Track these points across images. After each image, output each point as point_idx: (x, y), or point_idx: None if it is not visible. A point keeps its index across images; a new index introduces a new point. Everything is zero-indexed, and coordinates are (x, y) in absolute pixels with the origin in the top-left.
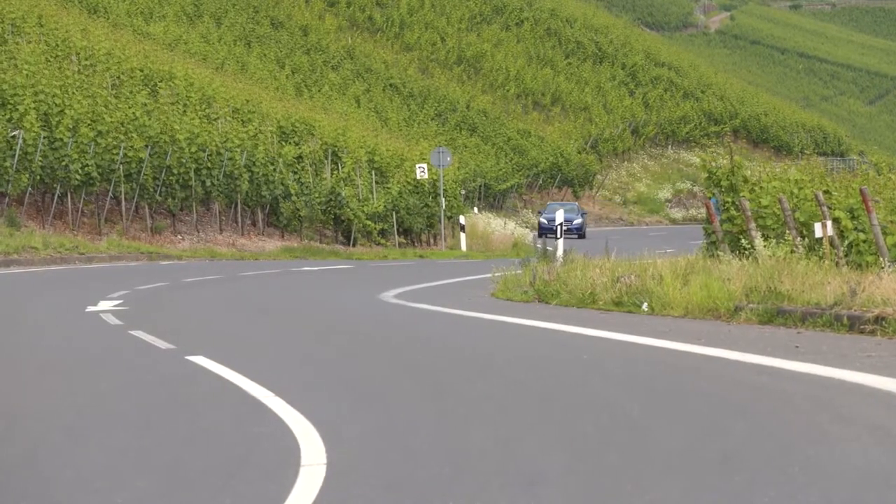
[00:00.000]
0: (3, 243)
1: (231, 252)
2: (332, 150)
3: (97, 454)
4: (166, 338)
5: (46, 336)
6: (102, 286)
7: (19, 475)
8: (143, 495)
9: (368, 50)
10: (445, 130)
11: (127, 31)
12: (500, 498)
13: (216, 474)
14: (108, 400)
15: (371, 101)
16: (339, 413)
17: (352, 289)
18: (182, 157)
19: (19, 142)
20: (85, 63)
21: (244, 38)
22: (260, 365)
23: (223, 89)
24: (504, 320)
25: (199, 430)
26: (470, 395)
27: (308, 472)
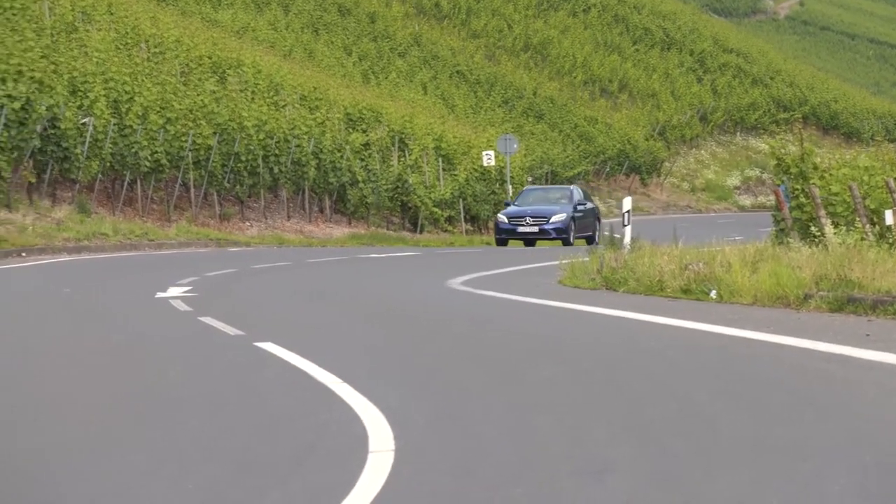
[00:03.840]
0: (74, 230)
1: (299, 239)
2: (399, 138)
3: (167, 440)
4: (235, 324)
5: (117, 322)
6: (172, 272)
7: (90, 460)
8: (213, 481)
9: (435, 37)
10: (512, 117)
11: (196, 19)
12: (568, 485)
13: (285, 461)
14: (177, 386)
15: (438, 89)
16: (406, 399)
17: (419, 276)
18: (250, 145)
19: (90, 129)
20: (154, 50)
21: (312, 25)
22: (328, 351)
23: (291, 76)
24: (571, 307)
25: (267, 416)
26: (537, 382)
27: (376, 459)
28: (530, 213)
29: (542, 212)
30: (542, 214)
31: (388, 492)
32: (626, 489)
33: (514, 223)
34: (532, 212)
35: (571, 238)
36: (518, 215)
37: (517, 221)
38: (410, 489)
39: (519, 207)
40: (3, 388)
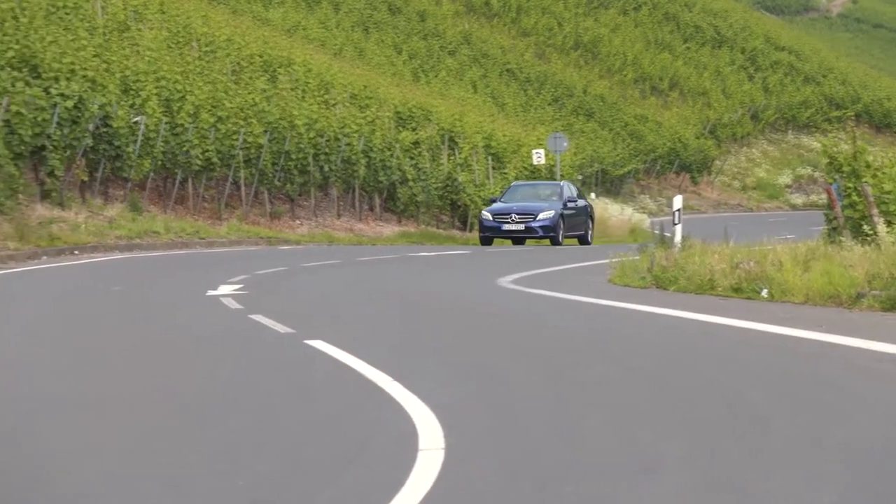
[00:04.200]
0: (126, 228)
1: (349, 237)
2: (449, 136)
3: (217, 437)
4: (285, 322)
5: (168, 319)
6: (223, 270)
7: (142, 457)
8: (264, 479)
9: (485, 35)
10: (562, 116)
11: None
12: (619, 484)
13: (335, 458)
14: (228, 383)
15: (488, 87)
16: (456, 398)
17: (469, 274)
18: (300, 143)
19: (141, 128)
20: (205, 49)
21: (362, 23)
22: (378, 349)
23: (341, 75)
24: (621, 306)
25: (317, 414)
26: (587, 380)
27: (426, 457)
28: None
29: (529, 209)
30: (528, 211)
31: (437, 490)
32: (676, 488)
33: (498, 220)
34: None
35: (560, 237)
36: (503, 212)
37: (502, 218)
38: (460, 488)
39: (505, 204)
40: (57, 385)
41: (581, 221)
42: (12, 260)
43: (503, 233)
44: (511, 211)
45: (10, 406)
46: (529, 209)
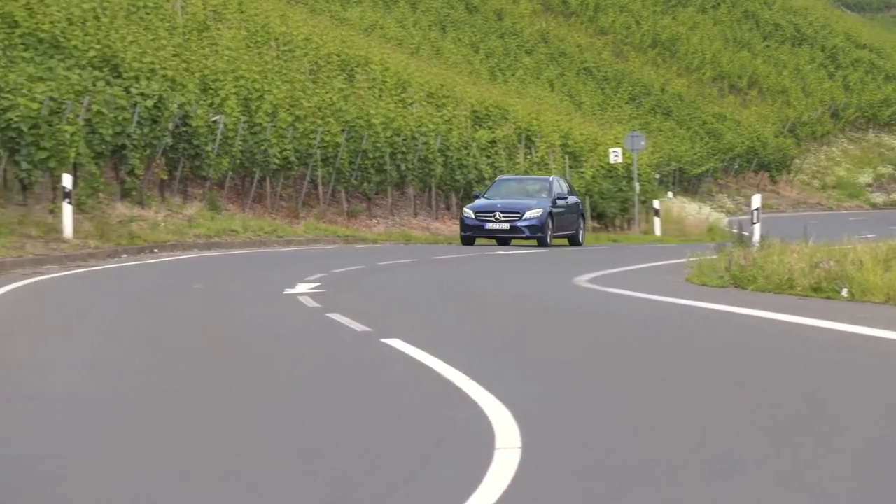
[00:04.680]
0: (204, 226)
1: (425, 235)
2: (526, 135)
3: (295, 435)
4: (362, 320)
5: (246, 318)
6: (300, 269)
7: (220, 454)
8: (341, 477)
9: (563, 34)
10: (640, 114)
11: (324, 17)
12: (695, 485)
13: (411, 457)
14: (305, 381)
15: (565, 86)
16: (533, 397)
17: (545, 273)
18: (377, 142)
19: (220, 127)
20: (283, 48)
21: (439, 22)
22: (454, 348)
23: (418, 74)
24: (699, 305)
25: (394, 412)
26: (664, 380)
27: (502, 456)
28: (501, 207)
29: (515, 206)
30: (514, 209)
31: (514, 489)
32: (754, 489)
33: (482, 219)
34: (503, 206)
35: (548, 238)
36: (487, 210)
37: (485, 217)
38: (537, 487)
39: (488, 201)
40: (137, 382)
41: (572, 220)
42: (93, 258)
43: (486, 232)
44: (495, 209)
45: (90, 403)
46: (515, 207)
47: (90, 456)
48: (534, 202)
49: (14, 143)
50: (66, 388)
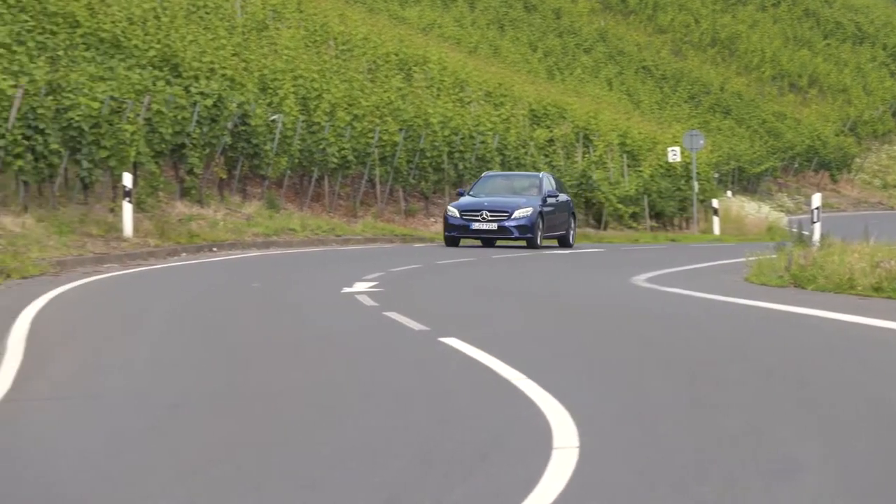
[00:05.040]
0: (263, 225)
1: None
2: (584, 134)
3: (353, 433)
4: (419, 319)
5: (304, 316)
6: (357, 268)
7: (278, 453)
8: (398, 475)
9: (621, 32)
10: (699, 113)
11: (383, 16)
12: (754, 485)
13: (469, 455)
14: (363, 380)
15: (623, 84)
16: (590, 396)
17: (602, 272)
18: (435, 141)
19: (279, 126)
20: (342, 48)
21: (497, 21)
22: (512, 347)
23: (476, 73)
24: (758, 305)
25: (452, 411)
26: (722, 380)
27: (560, 456)
28: (488, 205)
29: (503, 205)
30: (502, 208)
31: (572, 489)
32: (814, 490)
33: (467, 218)
34: (490, 204)
35: (539, 239)
36: (473, 208)
37: (471, 216)
38: (595, 486)
39: (474, 198)
40: (196, 380)
41: (562, 220)
42: (153, 256)
43: (472, 233)
44: (482, 207)
45: (150, 401)
46: (503, 205)
47: (150, 454)
48: (523, 200)
49: (75, 143)
50: (126, 387)
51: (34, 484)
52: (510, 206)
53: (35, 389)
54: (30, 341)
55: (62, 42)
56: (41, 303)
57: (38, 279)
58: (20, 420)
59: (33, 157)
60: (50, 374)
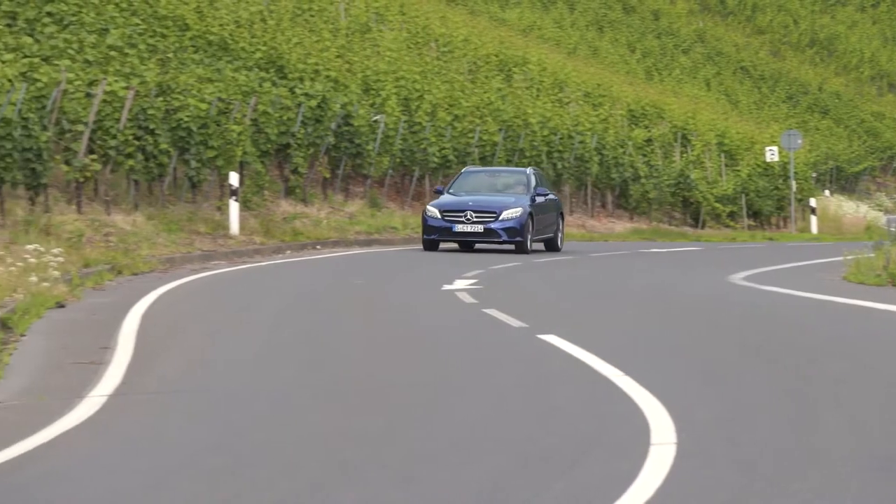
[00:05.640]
0: (365, 223)
1: (581, 233)
2: (682, 134)
3: (453, 428)
4: (518, 316)
5: (405, 313)
6: (457, 265)
7: (377, 446)
8: (496, 470)
9: (719, 33)
10: (797, 113)
11: (483, 18)
12: (854, 481)
13: (568, 451)
14: (463, 375)
15: (721, 85)
16: (687, 393)
17: (700, 270)
18: (534, 141)
19: (381, 126)
20: (443, 49)
21: (596, 23)
22: (609, 344)
23: (575, 74)
24: (856, 304)
25: (550, 407)
26: (821, 377)
27: (658, 452)
28: (472, 205)
29: (489, 204)
30: (488, 208)
31: (669, 484)
32: None
33: (449, 219)
34: (475, 204)
35: (529, 242)
36: (455, 208)
37: (454, 217)
38: (692, 482)
39: (456, 197)
40: (300, 375)
41: (551, 221)
42: (258, 254)
43: (455, 235)
44: (466, 207)
45: (257, 395)
46: (490, 205)
47: (257, 447)
48: (511, 199)
49: (184, 143)
50: (232, 382)
51: (144, 475)
52: (497, 206)
53: (144, 384)
54: (139, 337)
55: (172, 45)
56: (150, 299)
57: (147, 276)
58: (130, 414)
59: (144, 157)
60: (159, 369)
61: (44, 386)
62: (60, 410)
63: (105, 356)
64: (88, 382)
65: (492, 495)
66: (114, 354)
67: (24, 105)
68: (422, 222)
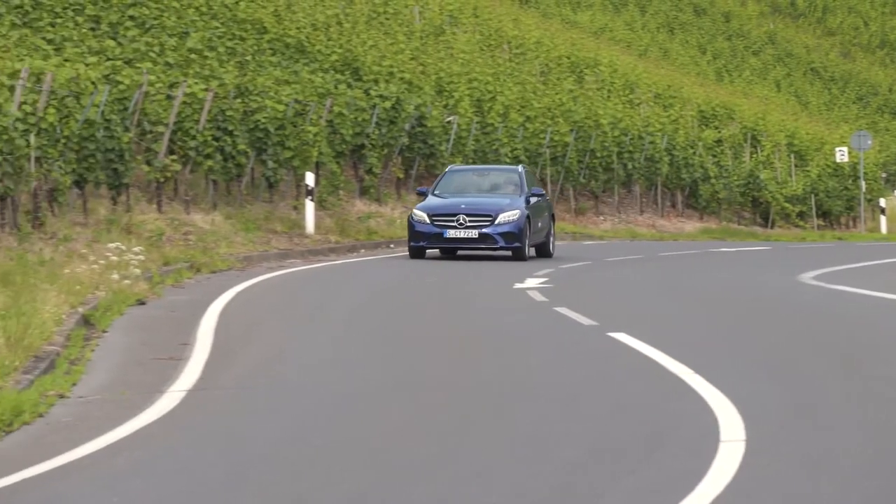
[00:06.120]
0: None
1: (651, 233)
2: (752, 134)
3: (524, 424)
4: (589, 314)
5: (477, 311)
6: (528, 264)
7: (453, 441)
8: (568, 465)
9: (790, 35)
10: (867, 114)
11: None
12: None
13: (638, 447)
14: (534, 373)
15: (791, 86)
16: (757, 391)
17: (769, 269)
18: (605, 141)
19: (454, 127)
20: (515, 51)
21: (667, 25)
22: (679, 342)
23: (646, 75)
24: None
25: (621, 404)
26: (889, 377)
27: (727, 448)
28: (466, 209)
29: (485, 207)
30: (483, 211)
31: (738, 481)
32: None
33: (440, 224)
34: (469, 207)
35: (527, 248)
36: (446, 212)
37: (445, 221)
38: (761, 479)
39: (445, 200)
40: (376, 371)
41: (544, 223)
42: (333, 252)
43: (446, 242)
44: (458, 210)
45: (330, 391)
46: (485, 208)
47: (333, 441)
48: (506, 201)
49: (261, 143)
50: (308, 377)
51: (222, 468)
52: (493, 209)
53: (222, 379)
54: (217, 333)
55: (250, 47)
56: (228, 296)
57: (225, 274)
58: (209, 408)
59: (222, 158)
60: (236, 364)
61: (125, 381)
62: (141, 405)
63: (184, 352)
64: (168, 378)
65: (564, 489)
66: (192, 350)
67: (106, 107)
68: (408, 227)
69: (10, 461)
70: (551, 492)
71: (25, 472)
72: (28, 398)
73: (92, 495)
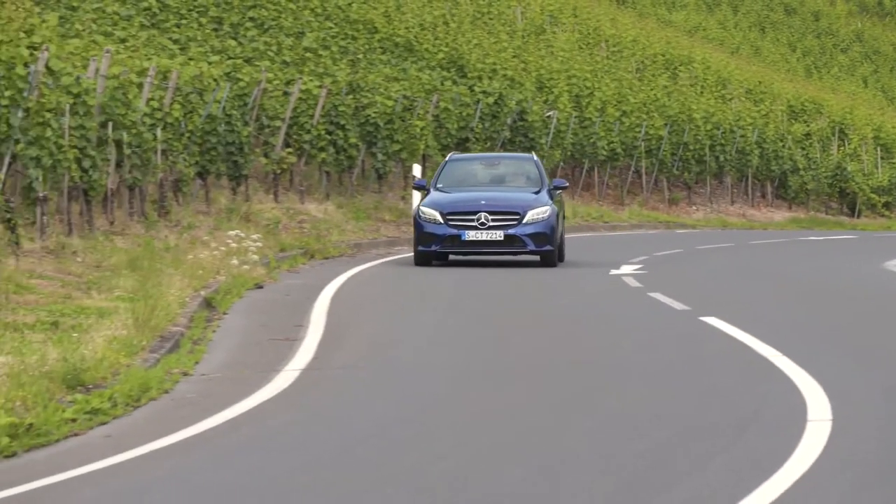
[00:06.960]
0: None
1: (741, 222)
2: (839, 128)
3: (617, 405)
4: (681, 299)
5: (575, 296)
6: (624, 252)
7: (547, 422)
8: (661, 445)
9: (877, 33)
10: None
11: (651, 20)
12: None
13: (728, 427)
14: (629, 355)
15: (878, 82)
16: (844, 373)
17: (855, 257)
18: (698, 135)
19: (553, 121)
20: (613, 49)
21: (759, 24)
22: (768, 326)
23: (737, 72)
24: None
25: (711, 386)
26: None
27: (814, 428)
28: (487, 204)
29: (509, 203)
30: (509, 208)
31: (825, 459)
32: None
33: (456, 223)
34: (490, 203)
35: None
36: (463, 210)
37: (462, 220)
38: (847, 458)
39: (456, 195)
40: (475, 355)
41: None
42: None
43: (465, 245)
44: (478, 208)
45: (438, 371)
46: (510, 203)
47: (439, 420)
48: (532, 196)
49: (371, 137)
50: (415, 359)
51: (334, 444)
52: (520, 206)
53: (334, 359)
54: (330, 316)
55: (362, 46)
56: (340, 281)
57: (337, 259)
58: (321, 387)
59: (335, 150)
60: (347, 345)
61: (243, 360)
62: (258, 383)
63: (299, 333)
64: (283, 357)
65: (655, 467)
66: (306, 332)
67: (227, 103)
68: (414, 228)
69: (139, 434)
70: (645, 467)
71: (153, 444)
72: (154, 375)
73: (214, 468)
